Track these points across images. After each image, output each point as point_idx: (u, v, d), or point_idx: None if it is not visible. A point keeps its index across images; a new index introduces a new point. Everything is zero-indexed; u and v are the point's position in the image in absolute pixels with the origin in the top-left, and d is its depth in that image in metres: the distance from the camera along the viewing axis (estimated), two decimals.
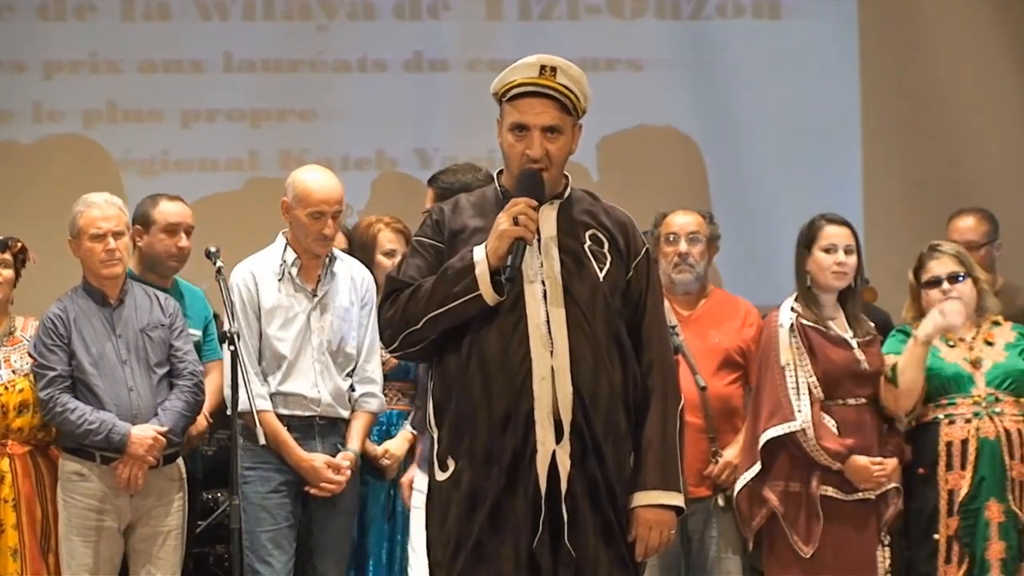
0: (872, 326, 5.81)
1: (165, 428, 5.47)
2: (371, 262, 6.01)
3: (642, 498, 4.11)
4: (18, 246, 5.71)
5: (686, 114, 8.75)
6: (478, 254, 4.06)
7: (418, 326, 4.10)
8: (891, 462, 5.68)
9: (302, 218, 5.64)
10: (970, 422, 5.72)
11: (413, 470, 5.40)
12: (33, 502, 5.57)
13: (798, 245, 5.79)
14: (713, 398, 5.75)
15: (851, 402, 5.69)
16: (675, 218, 5.99)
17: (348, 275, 5.77)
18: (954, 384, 5.78)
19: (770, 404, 5.63)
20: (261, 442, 5.34)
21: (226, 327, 5.42)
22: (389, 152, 8.70)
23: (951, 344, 5.82)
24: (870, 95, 8.79)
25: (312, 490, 5.59)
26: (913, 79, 8.78)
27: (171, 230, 5.95)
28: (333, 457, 5.62)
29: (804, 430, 5.57)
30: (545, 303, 4.09)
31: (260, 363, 5.63)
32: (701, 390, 5.63)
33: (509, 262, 4.01)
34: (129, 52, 8.55)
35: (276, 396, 5.62)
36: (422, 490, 4.63)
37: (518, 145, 4.12)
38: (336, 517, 5.68)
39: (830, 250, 5.71)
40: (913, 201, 8.55)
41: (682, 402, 4.24)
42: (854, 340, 5.71)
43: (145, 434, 5.43)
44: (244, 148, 8.65)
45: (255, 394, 5.35)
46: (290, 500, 5.61)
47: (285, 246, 5.72)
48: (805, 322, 5.69)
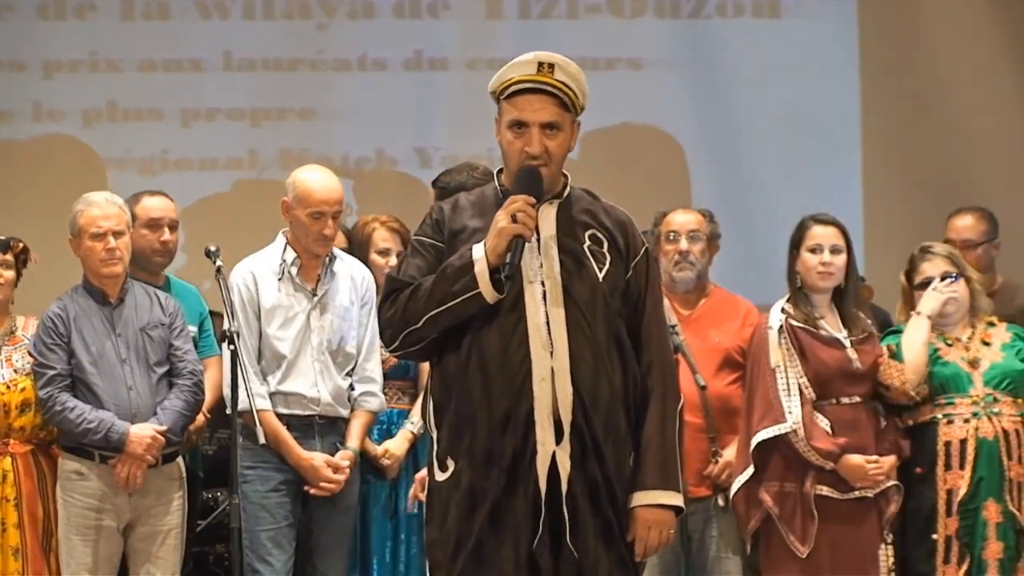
0: (869, 323, 5.80)
1: (164, 427, 5.47)
2: (366, 260, 6.01)
3: (641, 498, 4.11)
4: (20, 246, 5.70)
5: (686, 113, 8.75)
6: (477, 252, 4.05)
7: (418, 325, 4.10)
8: (888, 460, 5.68)
9: (302, 218, 5.63)
10: (968, 422, 5.72)
11: None
12: (35, 501, 5.57)
13: (789, 246, 5.80)
14: (713, 398, 5.74)
15: (845, 401, 5.69)
16: (676, 216, 5.99)
17: (348, 274, 5.77)
18: (953, 384, 5.77)
19: (761, 406, 5.63)
20: (261, 441, 5.35)
21: (226, 326, 5.41)
22: (389, 151, 8.70)
23: (948, 344, 5.82)
24: (870, 95, 8.78)
25: (312, 490, 5.59)
26: (913, 79, 8.78)
27: (153, 225, 5.94)
28: (332, 456, 5.62)
29: (795, 431, 5.57)
30: (545, 304, 4.09)
31: (260, 362, 5.63)
32: (701, 389, 5.63)
33: (508, 259, 4.01)
34: (129, 51, 8.55)
35: (276, 395, 5.62)
36: None
37: (517, 142, 4.12)
38: (336, 516, 5.67)
39: (816, 250, 5.72)
40: (913, 201, 8.54)
41: (682, 402, 4.24)
42: (847, 339, 5.71)
43: (144, 433, 5.43)
44: (244, 147, 8.65)
45: (254, 393, 5.35)
46: (290, 499, 5.61)
47: (285, 245, 5.71)
48: (795, 323, 5.70)
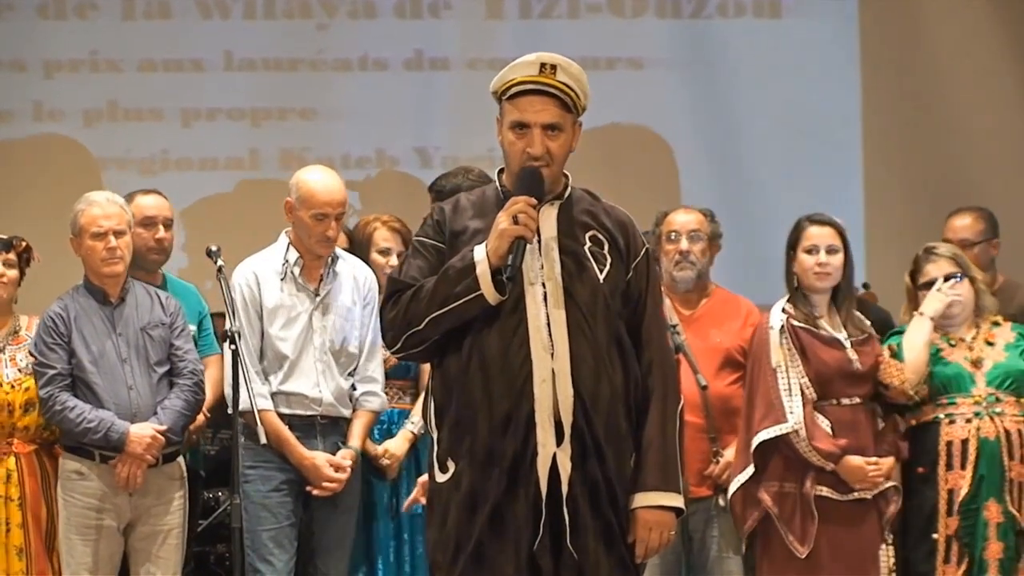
0: (868, 324, 5.80)
1: (164, 427, 5.46)
2: (366, 260, 6.00)
3: (642, 499, 4.11)
4: (22, 245, 5.70)
5: (686, 113, 8.76)
6: (479, 253, 4.05)
7: (420, 327, 4.10)
8: (887, 461, 5.68)
9: (305, 219, 5.63)
10: (970, 422, 5.71)
11: None
12: (38, 501, 5.57)
13: (786, 246, 5.81)
14: (714, 398, 5.74)
15: (845, 402, 5.68)
16: (676, 216, 5.99)
17: (351, 275, 5.76)
18: (955, 384, 5.77)
19: (762, 406, 5.62)
20: (262, 441, 5.35)
21: (227, 326, 5.41)
22: (389, 151, 8.71)
23: (952, 344, 5.82)
24: (871, 94, 8.79)
25: (315, 491, 5.59)
26: (914, 79, 8.79)
27: (148, 223, 5.94)
28: (334, 456, 5.62)
29: (796, 431, 5.57)
30: (546, 305, 4.09)
31: (262, 362, 5.63)
32: (702, 389, 5.62)
33: (510, 261, 4.01)
34: (129, 51, 8.56)
35: (278, 395, 5.62)
36: None
37: (519, 143, 4.12)
38: (338, 516, 5.67)
39: (812, 251, 5.72)
40: (914, 200, 8.55)
41: (682, 402, 4.24)
42: (847, 340, 5.71)
43: (144, 433, 5.43)
44: (244, 147, 8.66)
45: (256, 393, 5.35)
46: (291, 499, 5.61)
47: (288, 246, 5.71)
48: (796, 323, 5.69)
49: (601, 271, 4.15)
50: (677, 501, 4.14)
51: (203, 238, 5.98)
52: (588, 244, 4.17)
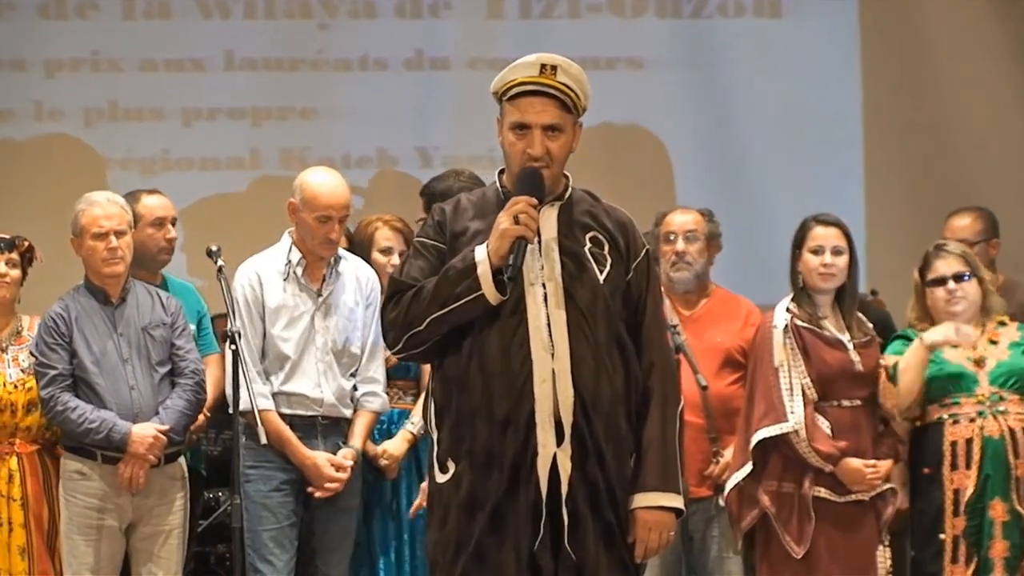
0: (870, 327, 5.80)
1: (166, 427, 5.47)
2: (367, 259, 6.00)
3: (641, 500, 4.12)
4: (25, 245, 5.70)
5: (687, 113, 8.76)
6: (479, 254, 4.05)
7: (421, 327, 4.10)
8: (885, 464, 5.67)
9: (308, 221, 5.62)
10: (974, 421, 5.71)
11: None
12: (40, 501, 5.57)
13: (792, 246, 5.80)
14: (714, 398, 5.73)
15: (846, 403, 5.68)
16: (673, 217, 5.99)
17: (353, 275, 5.76)
18: (957, 383, 5.76)
19: (763, 404, 5.62)
20: (262, 441, 5.35)
21: (228, 326, 5.41)
22: (390, 151, 8.71)
23: (954, 345, 5.80)
24: (871, 94, 8.79)
25: (317, 492, 5.59)
26: (914, 78, 8.79)
27: (159, 223, 5.97)
28: (334, 456, 5.62)
29: (797, 431, 5.56)
30: (546, 306, 4.09)
31: (263, 362, 5.63)
32: (703, 389, 5.62)
33: (511, 261, 4.01)
34: (130, 51, 8.56)
35: (279, 396, 5.62)
36: None
37: (519, 144, 4.12)
38: (338, 516, 5.67)
39: (817, 251, 5.71)
40: (914, 201, 8.55)
41: (682, 403, 4.24)
42: (850, 342, 5.71)
43: (146, 433, 5.43)
44: (245, 147, 8.66)
45: (257, 393, 5.35)
46: (292, 499, 5.61)
47: (290, 246, 5.70)
48: (799, 323, 5.69)
49: (601, 272, 4.15)
50: (677, 502, 4.15)
51: (204, 238, 5.98)
52: (588, 245, 4.17)
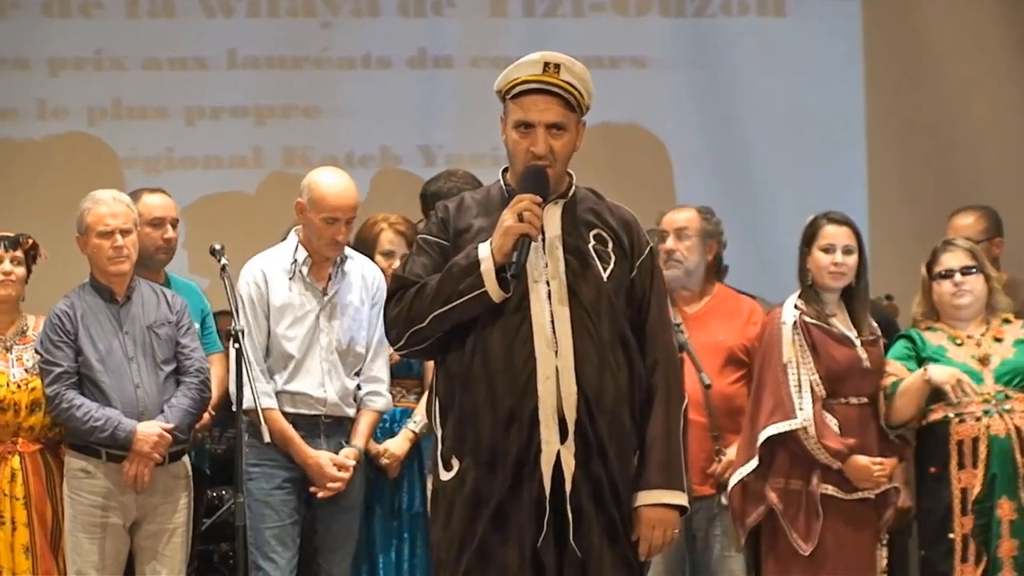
0: (875, 326, 5.80)
1: (171, 425, 5.47)
2: (370, 259, 5.99)
3: (645, 497, 4.12)
4: (29, 243, 5.70)
5: (690, 111, 8.76)
6: (483, 251, 4.06)
7: (423, 324, 4.11)
8: (891, 461, 5.68)
9: (315, 221, 5.61)
10: (980, 420, 5.69)
11: None
12: (43, 500, 5.57)
13: (800, 242, 5.79)
14: (717, 396, 5.73)
15: (853, 401, 5.68)
16: (668, 215, 6.01)
17: (360, 274, 5.75)
18: None
19: (771, 401, 5.62)
20: (266, 439, 5.35)
21: (232, 324, 5.42)
22: (393, 149, 8.71)
23: (958, 343, 5.80)
24: (874, 93, 8.79)
25: (320, 493, 5.59)
26: (917, 78, 8.78)
27: (156, 223, 5.94)
28: (336, 455, 5.62)
29: (806, 428, 5.56)
30: (550, 303, 4.09)
31: (267, 360, 5.63)
32: (706, 388, 5.62)
33: (515, 259, 4.02)
34: (134, 49, 8.55)
35: (282, 394, 5.62)
36: None
37: (523, 142, 4.13)
38: (341, 515, 5.67)
39: (828, 250, 5.71)
40: (917, 200, 8.54)
41: (686, 401, 4.24)
42: (858, 338, 5.70)
43: (150, 431, 5.43)
44: (248, 145, 8.66)
45: (260, 392, 5.35)
46: (294, 496, 5.61)
47: (297, 244, 5.70)
48: (808, 319, 5.68)
49: (605, 269, 4.15)
50: (681, 499, 4.15)
51: (207, 236, 5.98)
52: (592, 242, 4.17)
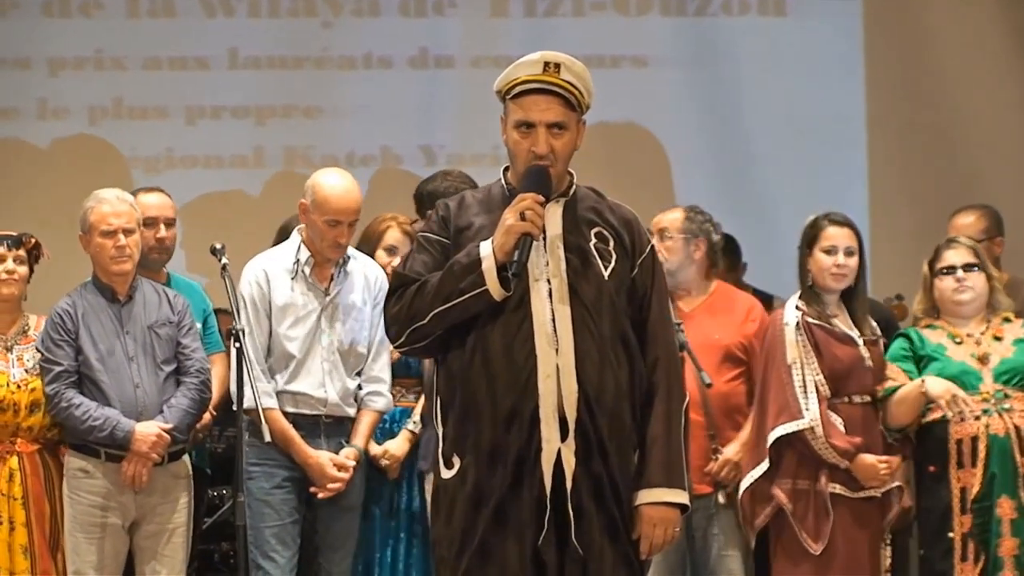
0: (875, 326, 5.80)
1: (169, 425, 5.47)
2: (371, 254, 5.99)
3: (646, 496, 4.12)
4: (32, 242, 5.69)
5: (691, 111, 8.76)
6: (484, 249, 4.06)
7: (424, 321, 4.10)
8: (896, 460, 5.68)
9: (318, 223, 5.61)
10: (979, 419, 5.69)
11: None
12: (42, 500, 5.56)
13: (801, 243, 5.78)
14: (713, 395, 5.72)
15: (856, 400, 5.68)
16: (656, 216, 5.99)
17: (362, 273, 5.75)
18: (961, 381, 5.74)
19: (777, 402, 5.62)
20: (266, 439, 5.35)
21: (233, 324, 5.41)
22: (394, 149, 8.72)
23: (958, 341, 5.80)
24: (875, 93, 8.79)
25: (320, 493, 5.59)
26: (918, 77, 8.79)
27: (148, 223, 5.89)
28: (336, 455, 5.62)
29: (813, 428, 5.56)
30: (551, 301, 4.09)
31: (268, 360, 5.63)
32: (706, 387, 5.62)
33: (516, 257, 4.01)
34: (134, 49, 8.57)
35: (283, 394, 5.62)
36: None
37: (523, 142, 4.13)
38: (341, 514, 5.67)
39: (830, 252, 5.70)
40: (918, 200, 8.55)
41: (687, 399, 4.25)
42: (860, 337, 5.70)
43: (149, 431, 5.43)
44: (249, 145, 8.67)
45: (260, 391, 5.35)
46: (294, 496, 5.61)
47: (299, 244, 5.70)
48: (811, 320, 5.68)
49: (606, 268, 4.15)
50: (682, 498, 4.15)
51: (208, 235, 5.97)
52: (593, 241, 4.17)
